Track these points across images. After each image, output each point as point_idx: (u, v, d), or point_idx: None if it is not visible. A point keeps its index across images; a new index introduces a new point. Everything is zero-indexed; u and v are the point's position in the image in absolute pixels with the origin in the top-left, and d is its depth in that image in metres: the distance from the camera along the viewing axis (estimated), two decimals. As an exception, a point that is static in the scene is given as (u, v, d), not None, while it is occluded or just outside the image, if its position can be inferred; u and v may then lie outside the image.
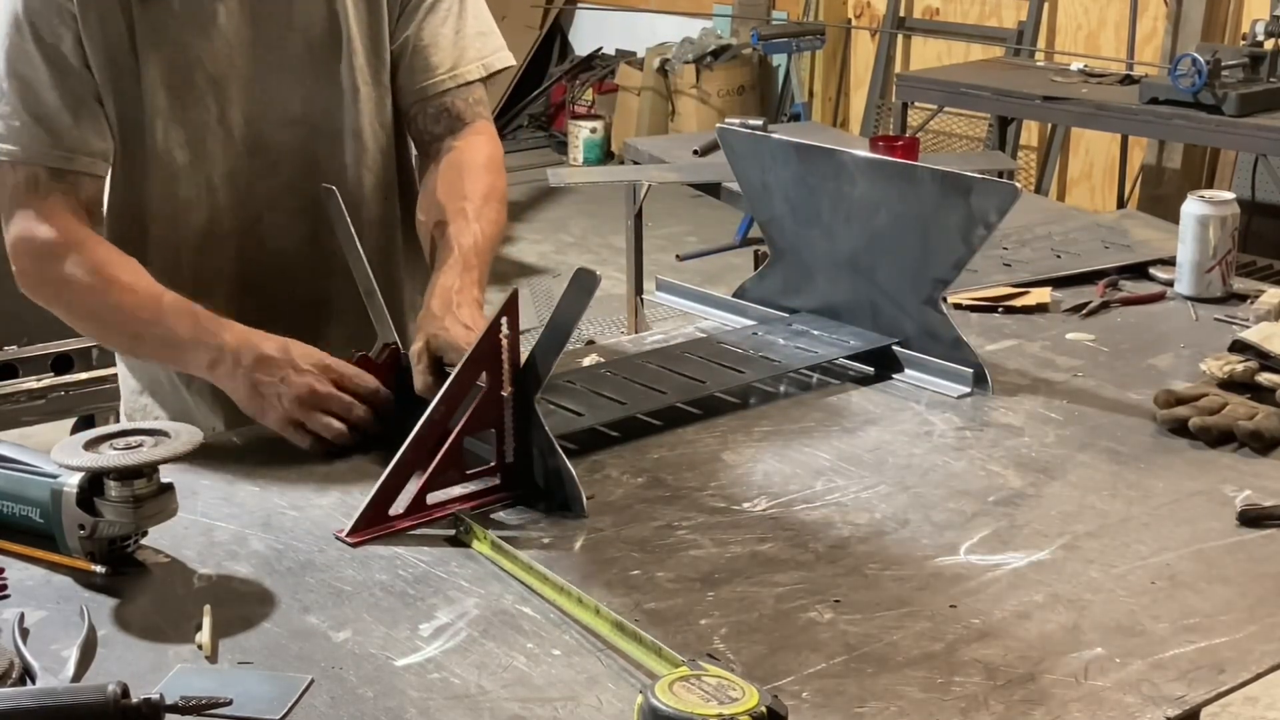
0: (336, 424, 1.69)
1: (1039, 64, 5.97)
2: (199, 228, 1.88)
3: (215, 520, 1.57)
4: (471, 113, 1.97)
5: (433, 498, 1.57)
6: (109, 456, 1.41)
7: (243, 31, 1.84)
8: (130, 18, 1.79)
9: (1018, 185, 1.87)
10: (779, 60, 7.62)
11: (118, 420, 2.11)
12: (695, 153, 4.59)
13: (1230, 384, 1.89)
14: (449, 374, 1.61)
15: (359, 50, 1.90)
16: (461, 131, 1.96)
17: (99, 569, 1.44)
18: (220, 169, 1.87)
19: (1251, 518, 1.57)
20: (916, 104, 5.67)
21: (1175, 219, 2.36)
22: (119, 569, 1.45)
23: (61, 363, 3.59)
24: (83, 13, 1.77)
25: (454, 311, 1.72)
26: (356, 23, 1.90)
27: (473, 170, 1.91)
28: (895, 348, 1.99)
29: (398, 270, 2.02)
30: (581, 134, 8.02)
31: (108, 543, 1.44)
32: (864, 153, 2.12)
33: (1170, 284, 2.35)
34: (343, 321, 1.96)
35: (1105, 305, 2.28)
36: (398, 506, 1.55)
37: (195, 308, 1.76)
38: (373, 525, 1.54)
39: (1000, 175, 3.72)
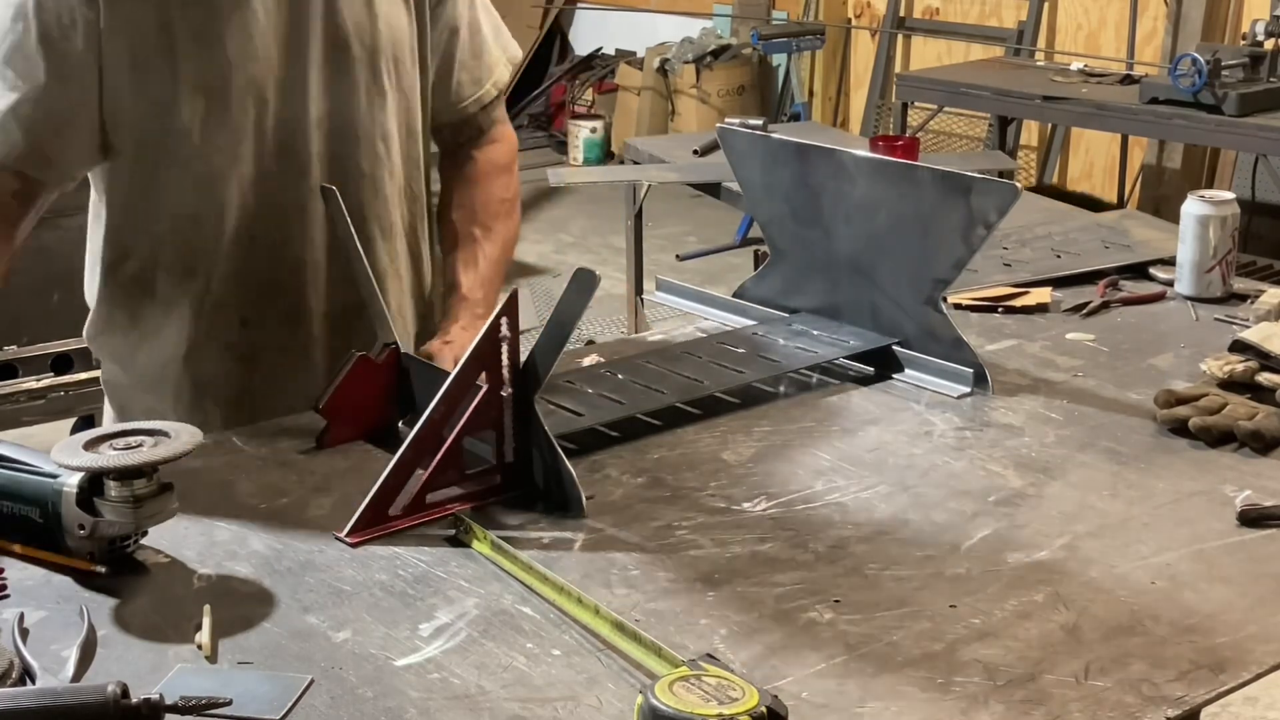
0: None
1: (1039, 64, 5.97)
2: (227, 232, 1.86)
3: (215, 520, 1.57)
4: (489, 121, 2.08)
5: (432, 498, 1.57)
6: (109, 456, 1.41)
7: (280, 30, 1.81)
8: (168, 16, 1.74)
9: (1018, 185, 1.87)
10: (779, 60, 7.62)
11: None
12: (695, 153, 4.59)
13: (1230, 384, 1.89)
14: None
15: (385, 54, 1.90)
16: (480, 141, 2.07)
17: (99, 569, 1.44)
18: (251, 172, 1.84)
19: (1252, 518, 1.57)
20: (916, 104, 5.67)
21: (1175, 219, 2.36)
22: (119, 569, 1.45)
23: (61, 363, 3.59)
24: (109, 12, 1.72)
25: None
26: (385, 27, 1.89)
27: (486, 183, 2.04)
28: (895, 348, 1.99)
29: (424, 272, 2.05)
30: (581, 134, 8.02)
31: (108, 543, 1.44)
32: (864, 153, 2.12)
33: (1170, 284, 2.35)
34: (370, 329, 1.95)
35: (1105, 305, 2.28)
36: (397, 506, 1.55)
37: None
38: (372, 525, 1.54)
39: (1000, 175, 3.72)
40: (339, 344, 1.90)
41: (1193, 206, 2.30)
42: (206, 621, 1.34)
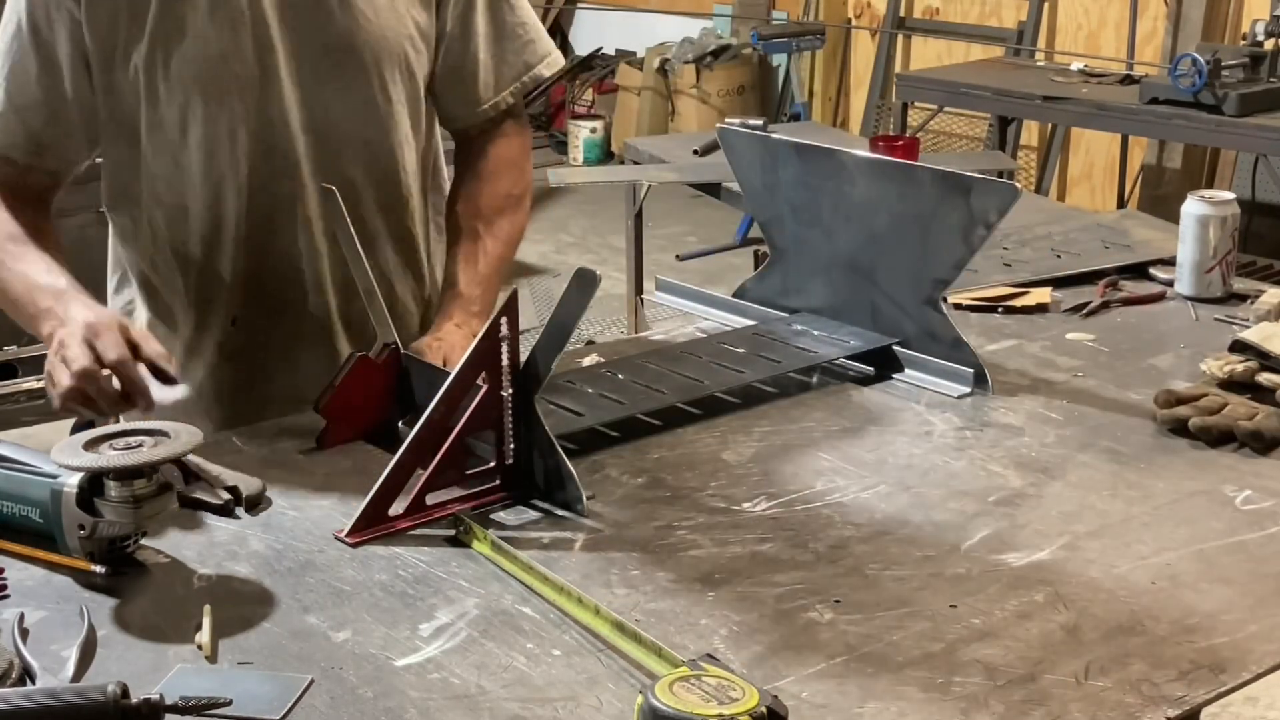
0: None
1: (1039, 64, 5.96)
2: (215, 230, 1.86)
3: (215, 520, 1.57)
4: (502, 117, 2.04)
5: (433, 498, 1.57)
6: (109, 456, 1.41)
7: (260, 30, 1.81)
8: (146, 11, 1.76)
9: (1018, 185, 1.87)
10: (779, 60, 7.61)
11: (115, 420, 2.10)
12: (695, 153, 4.59)
13: (1230, 384, 1.89)
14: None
15: (381, 62, 1.88)
16: (493, 134, 2.03)
17: (99, 569, 1.44)
18: (240, 170, 1.84)
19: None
20: (916, 104, 5.67)
21: (1175, 219, 2.36)
22: (119, 569, 1.45)
23: (61, 363, 3.58)
24: (88, 3, 1.75)
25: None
26: (382, 35, 1.87)
27: (493, 178, 2.01)
28: (895, 348, 1.99)
29: (424, 278, 2.04)
30: (581, 134, 8.01)
31: (108, 543, 1.44)
32: (864, 153, 2.12)
33: (1170, 284, 2.35)
34: (352, 334, 1.95)
35: (1105, 305, 2.28)
36: (397, 506, 1.55)
37: (60, 289, 1.70)
38: (372, 525, 1.54)
39: (1000, 175, 3.72)
40: (325, 348, 1.92)
41: (1193, 206, 2.30)
42: (206, 621, 1.34)
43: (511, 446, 1.61)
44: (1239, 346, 1.96)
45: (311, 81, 1.85)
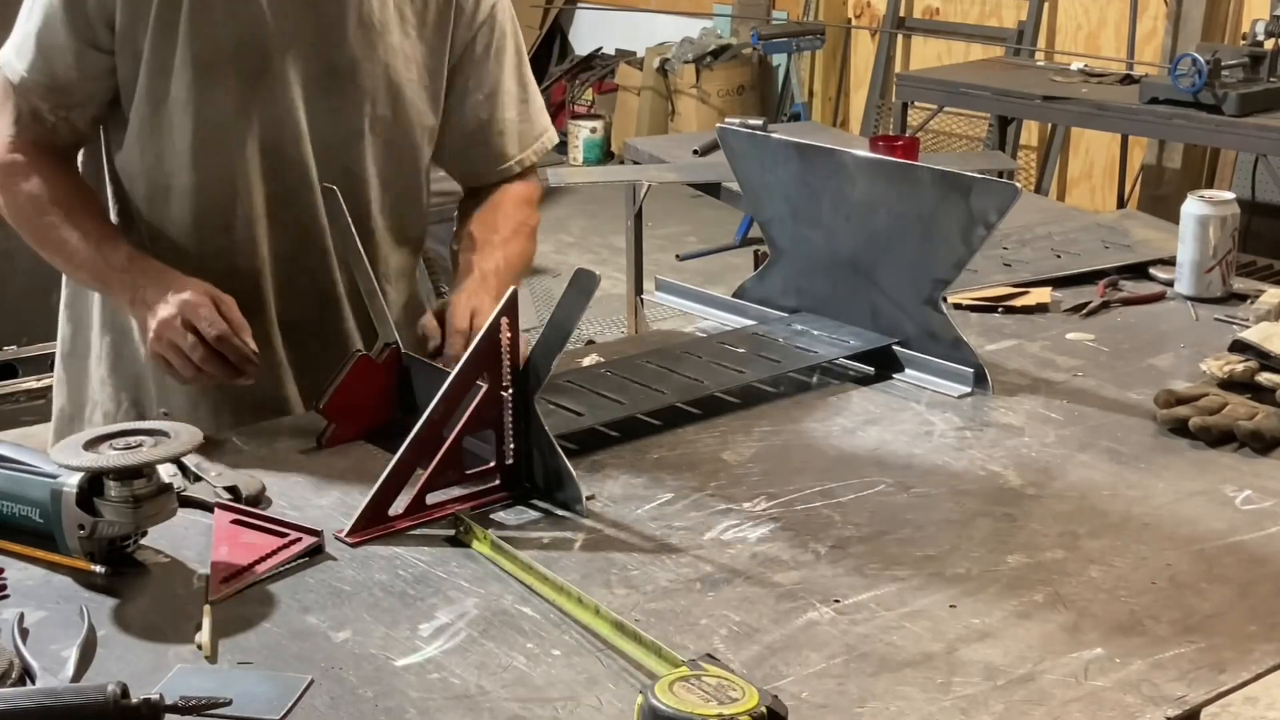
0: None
1: (1039, 64, 5.96)
2: (190, 217, 1.86)
3: (215, 520, 1.57)
4: (519, 175, 2.08)
5: (432, 498, 1.57)
6: (109, 456, 1.41)
7: (283, 36, 1.81)
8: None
9: (1018, 185, 1.87)
10: (779, 60, 7.62)
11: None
12: (695, 153, 4.59)
13: (1230, 384, 1.89)
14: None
15: (380, 97, 1.89)
16: (505, 184, 2.06)
17: (99, 569, 1.44)
18: (228, 162, 1.84)
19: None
20: (916, 104, 5.67)
21: (1175, 219, 2.36)
22: (119, 569, 1.45)
23: (61, 363, 3.58)
24: None
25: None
26: (390, 74, 1.88)
27: (506, 207, 2.02)
28: (895, 348, 1.99)
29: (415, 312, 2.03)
30: (581, 134, 8.01)
31: (108, 543, 1.44)
32: (864, 153, 2.12)
33: (1170, 284, 2.35)
34: (337, 342, 1.94)
35: (1105, 305, 2.28)
36: (397, 506, 1.55)
37: (128, 254, 1.80)
38: (372, 525, 1.54)
39: (1000, 175, 3.72)
40: (305, 351, 1.92)
41: (1193, 206, 2.30)
42: (206, 621, 1.35)
43: (511, 446, 1.61)
44: (1239, 346, 1.96)
45: (315, 95, 1.86)
